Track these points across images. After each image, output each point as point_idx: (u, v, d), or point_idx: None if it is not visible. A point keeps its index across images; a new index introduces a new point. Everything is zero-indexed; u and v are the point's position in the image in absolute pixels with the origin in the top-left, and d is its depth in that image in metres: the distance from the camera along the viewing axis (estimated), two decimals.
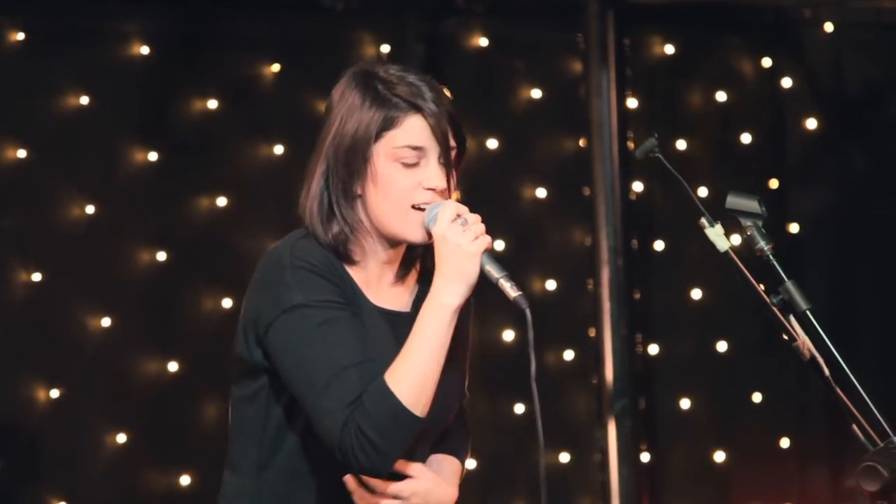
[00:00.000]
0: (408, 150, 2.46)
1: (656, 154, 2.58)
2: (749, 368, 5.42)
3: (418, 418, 2.38)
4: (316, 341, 2.40)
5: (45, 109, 4.90)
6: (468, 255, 2.41)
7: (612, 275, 5.29)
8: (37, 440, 4.88)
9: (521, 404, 5.27)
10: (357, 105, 2.48)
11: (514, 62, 5.39)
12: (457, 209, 2.45)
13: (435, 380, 2.40)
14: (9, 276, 4.85)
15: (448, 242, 2.42)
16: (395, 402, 2.36)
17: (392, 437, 2.36)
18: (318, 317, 2.41)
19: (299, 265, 2.43)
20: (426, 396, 2.39)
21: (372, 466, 2.38)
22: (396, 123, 2.46)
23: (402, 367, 2.38)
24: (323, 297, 2.42)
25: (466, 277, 2.42)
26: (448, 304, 2.41)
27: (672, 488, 5.41)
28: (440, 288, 2.42)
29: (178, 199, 5.04)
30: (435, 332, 2.40)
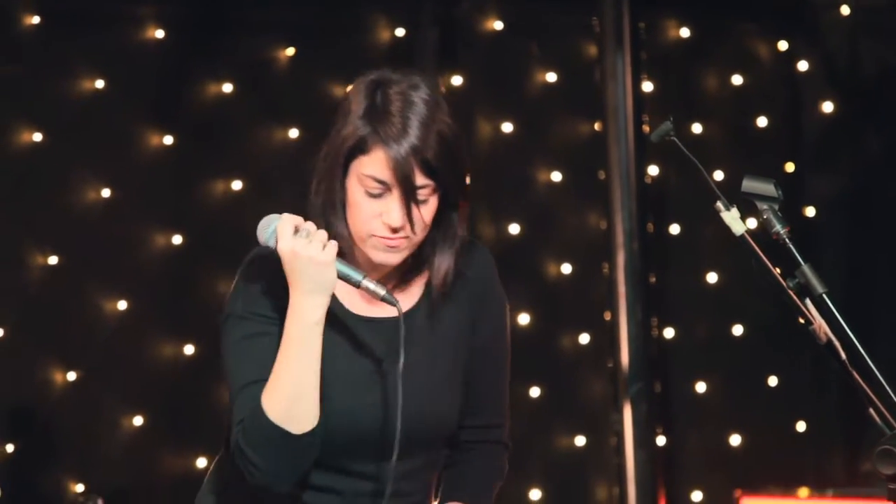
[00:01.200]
0: (371, 180, 2.41)
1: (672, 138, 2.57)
2: (765, 352, 5.42)
3: (292, 435, 2.36)
4: (233, 355, 2.46)
5: (61, 93, 4.91)
6: (323, 265, 2.37)
7: (628, 258, 5.28)
8: (54, 423, 4.90)
9: (535, 388, 5.27)
10: (352, 112, 2.44)
11: (529, 46, 5.38)
12: (294, 221, 2.42)
13: (308, 394, 2.37)
14: (25, 260, 4.86)
15: (299, 256, 2.38)
16: (264, 421, 2.36)
17: (269, 456, 2.37)
18: (242, 330, 2.45)
19: (250, 277, 2.47)
20: (301, 413, 2.36)
21: (260, 485, 2.40)
22: (368, 150, 2.41)
23: (272, 386, 2.38)
24: (257, 311, 2.44)
25: (325, 287, 2.38)
26: (311, 319, 2.38)
27: (687, 472, 5.41)
28: (300, 303, 2.38)
29: (194, 182, 5.05)
30: (301, 348, 2.37)
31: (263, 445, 2.37)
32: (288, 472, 2.39)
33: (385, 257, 2.45)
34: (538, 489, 5.22)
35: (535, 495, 5.23)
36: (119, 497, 4.81)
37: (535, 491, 5.23)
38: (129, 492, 4.92)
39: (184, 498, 5.02)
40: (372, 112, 2.42)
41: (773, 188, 2.51)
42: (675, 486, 5.35)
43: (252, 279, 2.47)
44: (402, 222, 2.41)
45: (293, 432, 2.36)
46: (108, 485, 4.81)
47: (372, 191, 2.41)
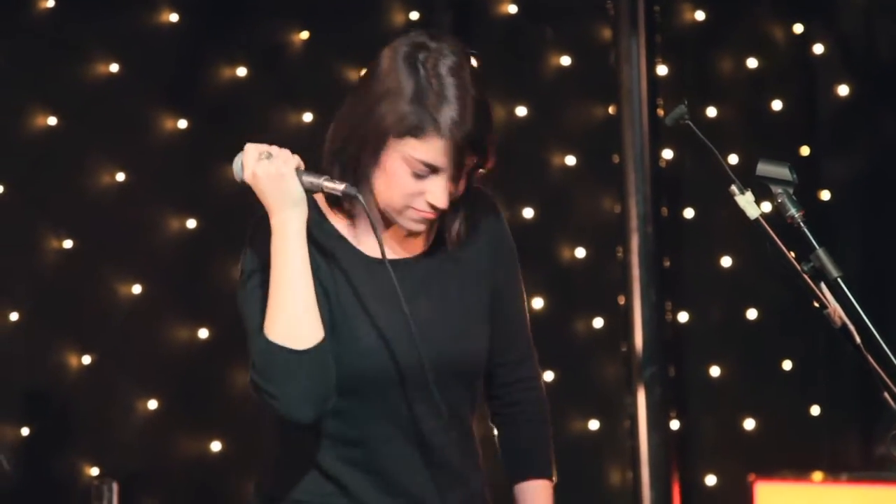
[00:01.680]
0: (422, 164, 2.43)
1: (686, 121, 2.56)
2: (779, 336, 5.41)
3: (296, 350, 2.37)
4: (247, 304, 2.48)
5: (75, 77, 4.91)
6: (284, 177, 2.44)
7: (642, 242, 5.27)
8: (68, 406, 4.91)
9: (549, 372, 5.27)
10: (397, 91, 2.42)
11: (544, 29, 5.37)
12: (257, 149, 2.50)
13: (308, 306, 2.40)
14: (40, 244, 4.87)
15: (261, 177, 2.45)
16: (264, 342, 2.39)
17: (282, 379, 2.38)
18: (253, 282, 2.48)
19: (259, 232, 2.50)
20: (304, 326, 2.39)
21: (286, 414, 2.40)
22: (422, 136, 2.41)
23: (270, 310, 2.41)
24: (262, 264, 2.47)
25: (291, 197, 2.43)
26: (291, 231, 2.42)
27: (701, 456, 5.41)
28: (277, 220, 2.43)
29: (208, 166, 5.05)
30: (286, 263, 2.41)
31: (273, 370, 2.38)
32: (305, 393, 2.38)
33: (416, 227, 2.49)
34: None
35: None
36: (134, 480, 4.82)
37: None
38: (143, 475, 4.93)
39: (198, 481, 5.06)
40: (425, 95, 2.41)
41: (788, 172, 2.50)
42: (688, 470, 5.35)
43: (255, 238, 2.51)
44: (446, 203, 2.45)
45: (297, 348, 2.37)
46: (123, 468, 4.83)
47: (419, 172, 2.43)
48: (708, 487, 5.38)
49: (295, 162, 2.46)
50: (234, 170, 2.53)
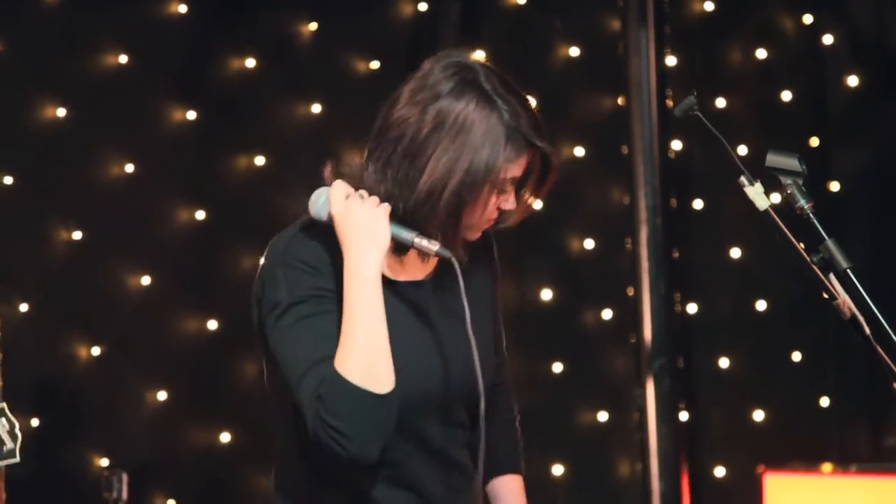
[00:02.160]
0: (510, 181, 2.45)
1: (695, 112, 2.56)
2: (788, 327, 5.41)
3: (380, 395, 2.34)
4: (292, 339, 2.40)
5: (84, 68, 4.91)
6: (377, 218, 2.39)
7: (651, 234, 5.27)
8: (78, 397, 4.92)
9: (558, 363, 5.27)
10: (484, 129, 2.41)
11: (552, 20, 5.36)
12: (346, 188, 2.43)
13: (383, 351, 2.36)
14: (49, 235, 4.88)
15: (353, 212, 2.39)
16: (345, 385, 2.33)
17: (355, 420, 2.33)
18: (296, 314, 2.40)
19: (290, 262, 2.44)
20: (379, 370, 2.35)
21: (349, 455, 2.34)
22: (515, 159, 2.43)
23: (344, 350, 2.35)
24: (305, 294, 2.41)
25: (379, 241, 2.39)
26: (368, 274, 2.37)
27: (710, 447, 5.40)
28: (356, 260, 2.38)
29: (217, 157, 5.06)
30: (365, 305, 2.37)
31: (348, 410, 2.33)
32: (376, 436, 2.35)
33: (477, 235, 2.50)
34: (560, 465, 5.23)
35: (557, 471, 5.24)
36: (143, 472, 4.83)
37: (557, 466, 5.23)
38: (153, 466, 4.94)
39: (207, 472, 5.07)
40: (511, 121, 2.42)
41: (798, 163, 2.50)
42: (697, 462, 5.35)
43: (291, 265, 2.44)
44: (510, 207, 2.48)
45: (376, 392, 2.34)
46: (133, 459, 4.84)
47: (505, 188, 2.45)
48: (717, 479, 5.38)
49: (387, 208, 2.41)
50: (316, 202, 2.45)
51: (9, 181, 4.83)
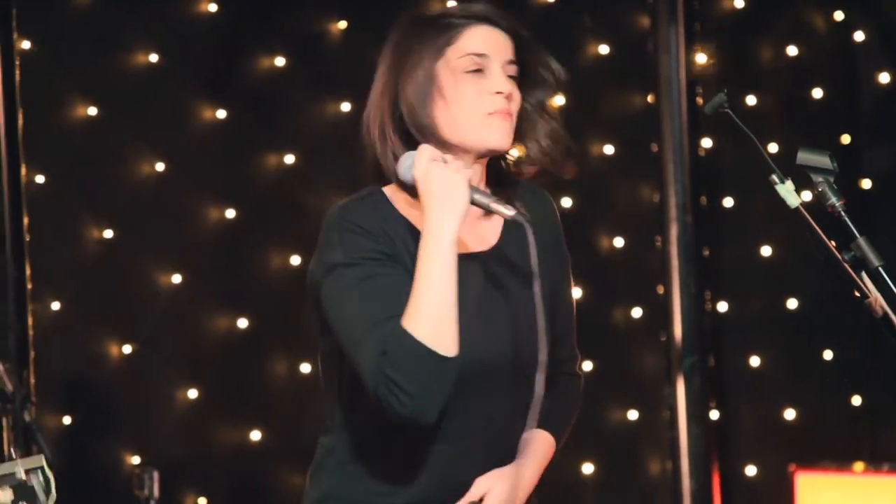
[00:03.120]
0: (470, 57, 2.50)
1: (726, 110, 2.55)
2: (820, 326, 5.38)
3: (445, 357, 2.36)
4: (352, 299, 2.41)
5: (115, 67, 4.94)
6: (457, 184, 2.42)
7: (681, 232, 5.25)
8: (109, 395, 4.94)
9: (588, 361, 5.26)
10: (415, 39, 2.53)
11: (582, 17, 5.35)
12: (432, 152, 2.46)
13: (452, 315, 2.38)
14: (81, 234, 4.90)
15: (435, 176, 2.43)
16: (413, 343, 2.35)
17: (422, 381, 2.35)
18: (355, 274, 2.42)
19: (345, 225, 2.45)
20: (447, 333, 2.37)
21: (409, 413, 2.36)
22: (457, 37, 2.51)
23: (415, 309, 2.37)
24: (363, 255, 2.43)
25: (458, 206, 2.41)
26: (448, 237, 2.40)
27: (741, 446, 5.39)
28: (435, 222, 2.41)
29: (247, 156, 5.07)
30: (439, 268, 2.38)
31: (413, 368, 2.34)
32: (437, 396, 2.37)
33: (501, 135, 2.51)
34: (591, 463, 5.22)
35: (587, 469, 5.23)
36: (174, 469, 4.85)
37: (587, 465, 5.22)
38: (184, 464, 4.96)
39: (238, 470, 5.08)
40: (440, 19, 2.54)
41: (829, 160, 2.49)
42: (728, 461, 5.33)
43: (346, 229, 2.45)
44: (509, 86, 2.50)
45: (444, 354, 2.36)
46: (164, 457, 4.86)
47: (470, 67, 2.50)
48: (748, 478, 5.37)
49: (468, 174, 2.45)
50: (402, 165, 2.48)
51: (41, 180, 4.85)
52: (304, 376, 4.98)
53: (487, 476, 2.51)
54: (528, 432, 2.60)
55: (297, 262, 4.99)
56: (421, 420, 2.38)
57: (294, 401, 4.96)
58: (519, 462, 2.56)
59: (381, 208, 2.49)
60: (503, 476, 2.52)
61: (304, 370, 4.99)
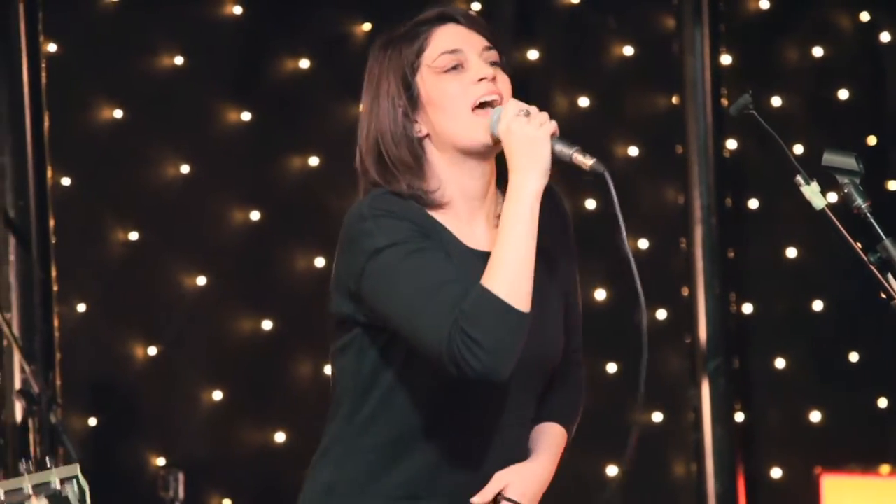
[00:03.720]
0: (445, 56, 2.50)
1: (751, 111, 2.54)
2: (845, 328, 5.36)
3: (522, 313, 2.36)
4: (407, 272, 2.40)
5: (141, 70, 4.95)
6: (537, 140, 2.42)
7: (706, 233, 5.24)
8: (135, 397, 4.96)
9: (612, 364, 5.26)
10: (386, 58, 2.53)
11: (607, 19, 5.34)
12: (518, 106, 2.46)
13: (530, 271, 2.38)
14: (107, 236, 4.92)
15: (514, 134, 2.43)
16: (493, 298, 2.35)
17: (499, 335, 2.35)
18: (404, 250, 2.41)
19: (377, 213, 2.45)
20: (524, 289, 2.37)
21: (485, 368, 2.34)
22: (427, 44, 2.51)
23: (496, 265, 2.38)
24: (404, 234, 2.43)
25: (539, 162, 2.42)
26: (530, 192, 2.41)
27: (767, 448, 5.37)
28: (518, 179, 2.42)
29: (271, 158, 5.08)
30: (522, 224, 2.40)
31: (492, 325, 2.34)
32: (511, 353, 2.36)
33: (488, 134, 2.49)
34: (615, 465, 5.21)
35: (612, 471, 5.22)
36: (199, 470, 4.86)
37: (611, 467, 5.22)
38: (208, 465, 4.97)
39: (263, 472, 5.09)
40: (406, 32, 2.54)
41: (855, 161, 2.48)
42: (753, 463, 5.32)
43: (380, 215, 2.45)
44: (488, 70, 2.49)
45: (519, 308, 2.36)
46: (189, 458, 4.87)
47: (448, 65, 2.49)
48: (773, 480, 5.35)
49: (551, 127, 2.45)
50: (491, 122, 2.48)
51: (67, 182, 4.87)
52: (328, 378, 4.98)
53: (507, 471, 2.51)
54: (540, 425, 2.60)
55: (321, 264, 4.99)
56: (497, 374, 2.36)
57: (318, 402, 4.95)
58: (536, 457, 2.56)
59: (405, 202, 2.49)
60: (522, 471, 2.52)
61: (328, 372, 4.99)
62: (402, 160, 2.50)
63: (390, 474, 2.50)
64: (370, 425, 2.51)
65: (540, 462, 2.56)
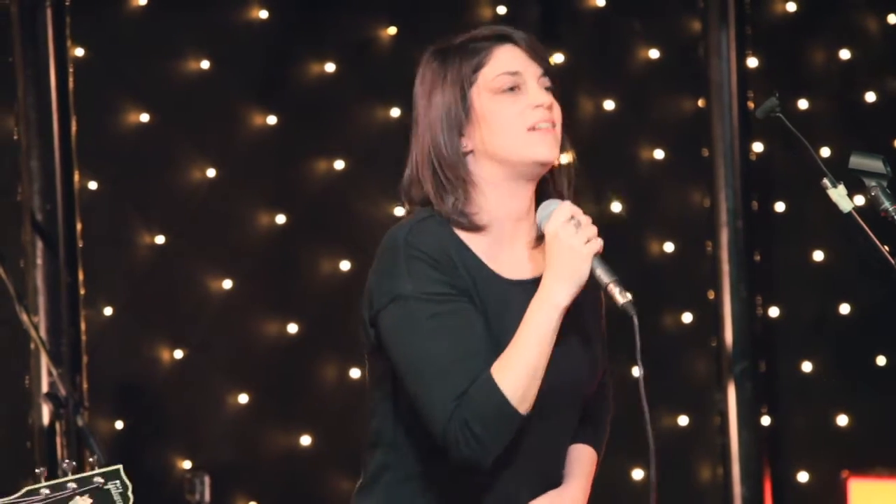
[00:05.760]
0: (504, 76, 2.50)
1: (777, 114, 2.54)
2: (873, 331, 5.34)
3: (520, 415, 2.40)
4: (423, 335, 2.41)
5: (167, 74, 4.97)
6: (580, 257, 2.42)
7: (732, 236, 5.23)
8: (161, 400, 4.97)
9: (636, 368, 5.24)
10: (442, 71, 2.54)
11: (632, 22, 5.34)
12: (571, 210, 2.46)
13: (540, 377, 2.41)
14: (133, 239, 4.93)
15: (561, 242, 2.43)
16: (500, 397, 2.38)
17: (495, 431, 2.39)
18: (426, 310, 2.42)
19: (413, 254, 2.44)
20: (531, 394, 2.40)
21: (473, 458, 2.40)
22: (486, 61, 2.51)
23: (509, 363, 2.40)
24: (434, 290, 2.43)
25: (577, 278, 2.43)
26: (557, 304, 2.42)
27: (793, 452, 5.35)
28: (550, 286, 2.42)
29: (297, 162, 5.09)
30: (543, 330, 2.41)
31: (492, 421, 2.38)
32: (500, 448, 2.42)
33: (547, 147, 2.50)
34: (641, 469, 5.20)
35: (637, 475, 5.21)
36: (225, 474, 4.87)
37: (637, 471, 5.21)
38: (234, 469, 4.98)
39: (288, 474, 5.10)
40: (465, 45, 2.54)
41: (882, 164, 2.47)
42: (780, 467, 5.30)
43: (413, 256, 2.45)
44: (548, 98, 2.49)
45: (520, 411, 2.40)
46: (215, 462, 4.88)
47: (506, 85, 2.50)
48: (800, 484, 5.33)
49: (596, 246, 2.46)
50: (543, 212, 2.50)
51: (94, 186, 4.89)
52: (353, 381, 4.99)
53: (541, 499, 2.53)
54: (571, 447, 2.62)
55: (347, 268, 5.00)
56: (478, 465, 2.42)
57: (343, 405, 4.97)
58: (569, 483, 2.59)
59: (443, 232, 2.48)
60: (554, 499, 2.54)
61: (353, 375, 5.00)
62: (453, 174, 2.50)
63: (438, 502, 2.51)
64: (418, 455, 2.52)
65: (573, 488, 2.59)
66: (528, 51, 2.53)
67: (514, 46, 2.53)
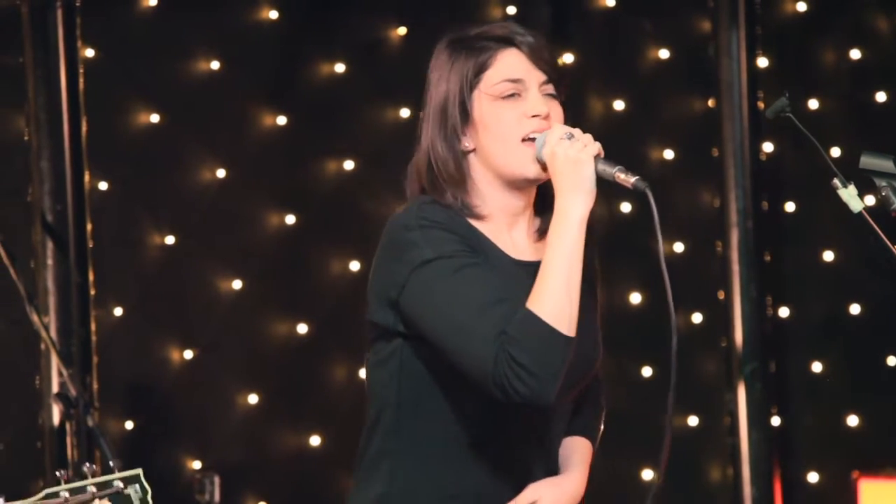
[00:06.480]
0: (505, 83, 2.50)
1: (787, 114, 2.54)
2: (883, 331, 5.33)
3: (567, 337, 2.38)
4: (454, 288, 2.41)
5: (177, 74, 4.97)
6: (581, 163, 2.44)
7: (742, 237, 5.23)
8: (171, 401, 4.98)
9: (648, 367, 5.24)
10: (449, 64, 2.55)
11: (642, 22, 5.34)
12: (562, 130, 2.48)
13: (576, 295, 2.40)
14: (143, 239, 4.94)
15: (559, 157, 2.45)
16: (540, 324, 2.36)
17: (545, 360, 2.36)
18: (451, 265, 2.42)
19: (425, 224, 2.46)
20: (570, 313, 2.39)
21: (531, 393, 2.36)
22: (490, 63, 2.51)
23: (541, 289, 2.39)
24: (451, 248, 2.43)
25: (584, 184, 2.44)
26: (574, 216, 2.43)
27: (803, 453, 5.35)
28: (563, 202, 2.44)
29: (307, 162, 5.09)
30: (568, 248, 2.41)
31: (539, 350, 2.36)
32: (557, 377, 2.38)
33: (536, 169, 2.50)
34: (650, 469, 5.20)
35: (647, 475, 5.21)
36: (235, 474, 4.88)
37: (647, 471, 5.20)
38: (244, 469, 4.99)
39: (298, 475, 5.11)
40: (473, 42, 2.54)
41: (893, 164, 2.47)
42: (790, 467, 5.29)
43: (426, 226, 2.46)
44: (546, 107, 2.49)
45: (564, 333, 2.38)
46: (224, 462, 4.88)
47: (506, 92, 2.50)
48: (810, 485, 5.32)
49: (594, 149, 2.47)
50: (537, 148, 2.51)
51: (104, 186, 4.90)
52: (363, 382, 4.99)
53: (541, 483, 2.52)
54: (569, 438, 2.62)
55: (357, 268, 5.00)
56: (540, 400, 2.38)
57: (353, 406, 4.97)
58: (570, 471, 2.58)
59: (449, 212, 2.50)
60: (555, 484, 2.53)
61: (363, 375, 5.00)
62: (448, 172, 2.51)
63: (441, 486, 2.51)
64: (419, 438, 2.52)
65: (573, 477, 2.58)
66: (533, 57, 2.52)
67: (519, 52, 2.53)
